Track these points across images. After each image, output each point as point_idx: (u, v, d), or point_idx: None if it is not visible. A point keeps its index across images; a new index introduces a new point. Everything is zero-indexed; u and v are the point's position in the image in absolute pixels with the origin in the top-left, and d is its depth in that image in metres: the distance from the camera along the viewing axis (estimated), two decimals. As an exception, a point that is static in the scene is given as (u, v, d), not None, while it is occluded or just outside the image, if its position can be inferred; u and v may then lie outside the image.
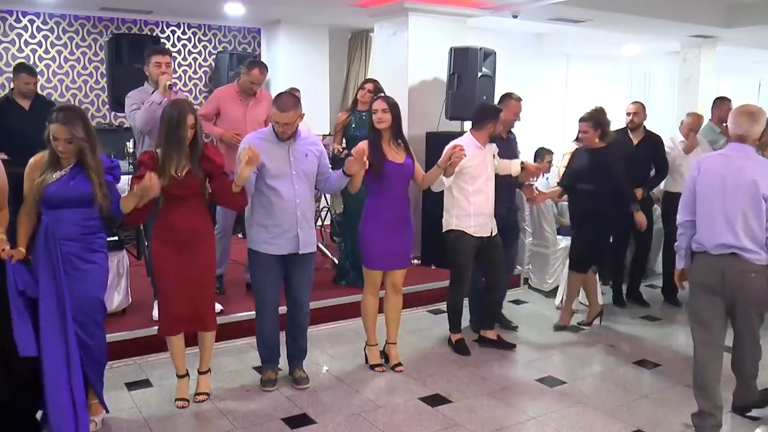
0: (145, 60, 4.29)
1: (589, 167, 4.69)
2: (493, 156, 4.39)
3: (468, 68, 5.90)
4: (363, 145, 3.92)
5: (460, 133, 5.38)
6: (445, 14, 6.52)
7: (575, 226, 4.94)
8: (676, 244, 3.53)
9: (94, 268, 3.13)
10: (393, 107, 3.98)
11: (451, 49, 6.08)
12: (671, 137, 5.55)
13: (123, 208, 3.17)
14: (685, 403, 3.73)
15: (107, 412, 3.38)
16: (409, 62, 6.44)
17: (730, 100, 6.02)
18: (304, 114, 3.67)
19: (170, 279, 3.42)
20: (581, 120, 4.77)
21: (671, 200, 5.51)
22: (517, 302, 5.40)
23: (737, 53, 9.91)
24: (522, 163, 4.51)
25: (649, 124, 5.41)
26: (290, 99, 3.56)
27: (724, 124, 5.94)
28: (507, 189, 4.65)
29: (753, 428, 3.51)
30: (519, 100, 4.79)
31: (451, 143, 4.28)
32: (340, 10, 7.12)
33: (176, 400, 3.60)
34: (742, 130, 3.25)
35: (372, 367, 4.18)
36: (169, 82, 4.11)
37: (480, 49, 5.94)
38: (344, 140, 5.33)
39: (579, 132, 4.83)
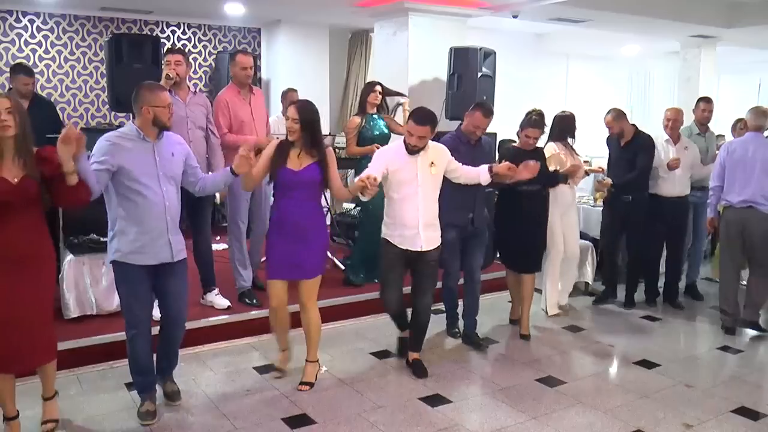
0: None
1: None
2: (431, 164, 3.90)
3: (468, 68, 5.91)
4: (271, 147, 3.67)
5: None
6: (445, 14, 6.53)
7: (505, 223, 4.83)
8: (708, 201, 5.13)
9: None
10: (304, 114, 3.57)
11: (451, 49, 6.08)
12: (655, 138, 5.36)
13: None
14: (685, 403, 3.75)
15: None
16: (409, 62, 6.45)
17: (710, 101, 5.87)
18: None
19: None
20: (536, 126, 4.60)
21: (656, 203, 5.36)
22: (517, 302, 5.39)
23: (737, 53, 9.91)
24: (490, 168, 4.07)
25: (649, 125, 5.39)
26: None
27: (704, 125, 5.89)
28: (471, 196, 4.33)
29: (754, 428, 3.52)
30: (487, 114, 4.33)
31: (380, 149, 4.17)
32: (340, 10, 7.13)
33: None
34: (760, 122, 4.81)
35: (274, 368, 4.04)
36: (167, 74, 4.11)
37: (480, 49, 5.95)
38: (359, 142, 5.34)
39: (531, 138, 4.63)
